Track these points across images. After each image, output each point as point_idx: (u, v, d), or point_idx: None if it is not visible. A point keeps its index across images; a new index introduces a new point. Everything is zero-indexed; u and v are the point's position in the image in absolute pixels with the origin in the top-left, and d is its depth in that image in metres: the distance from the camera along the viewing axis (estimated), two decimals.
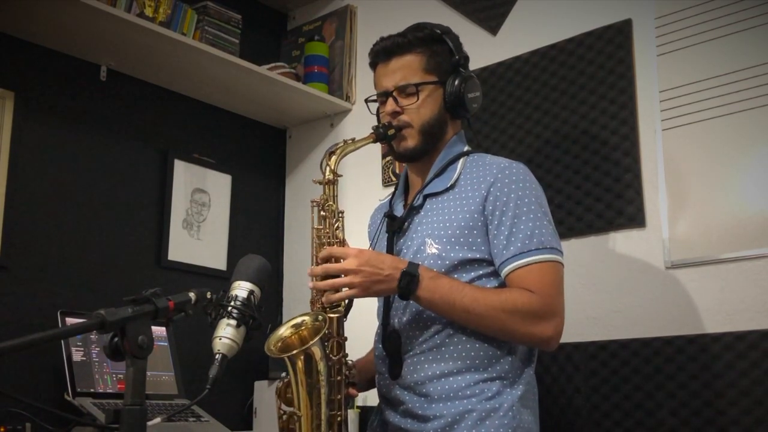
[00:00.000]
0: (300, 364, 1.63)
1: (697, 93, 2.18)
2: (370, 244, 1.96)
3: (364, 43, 3.04)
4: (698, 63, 2.19)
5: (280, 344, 1.67)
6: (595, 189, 2.31)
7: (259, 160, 3.15)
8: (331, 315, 1.70)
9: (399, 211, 1.87)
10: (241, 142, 3.08)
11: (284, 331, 1.69)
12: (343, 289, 1.68)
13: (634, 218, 2.23)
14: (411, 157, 1.84)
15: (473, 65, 2.63)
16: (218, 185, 2.94)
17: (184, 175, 2.83)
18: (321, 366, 1.63)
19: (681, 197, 2.18)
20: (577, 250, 2.32)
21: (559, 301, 1.70)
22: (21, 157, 2.40)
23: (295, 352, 1.63)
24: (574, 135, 2.38)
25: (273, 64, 2.92)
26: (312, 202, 1.80)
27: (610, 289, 2.26)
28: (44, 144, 2.48)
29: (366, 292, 1.65)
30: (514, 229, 1.69)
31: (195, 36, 2.68)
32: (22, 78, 2.45)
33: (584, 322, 2.26)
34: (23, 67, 2.46)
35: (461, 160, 1.83)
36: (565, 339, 2.22)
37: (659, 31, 2.27)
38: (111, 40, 2.50)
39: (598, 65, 2.37)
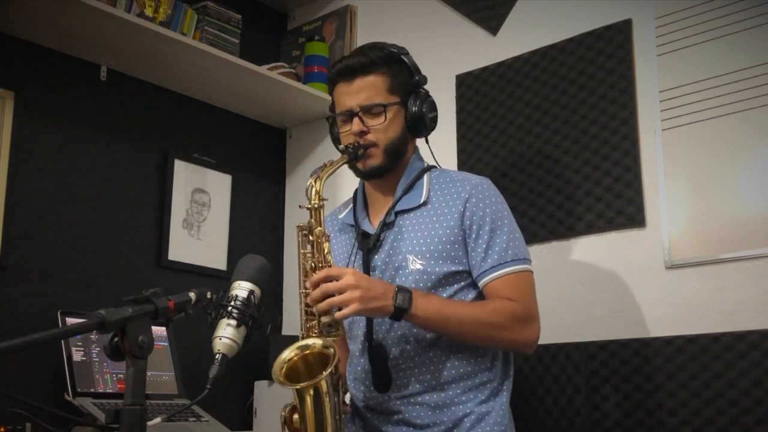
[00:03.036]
0: (309, 394, 1.63)
1: (697, 93, 2.18)
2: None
3: (364, 43, 3.03)
4: (698, 63, 2.19)
5: (284, 369, 1.66)
6: (595, 189, 2.31)
7: (259, 160, 3.15)
8: (330, 339, 1.70)
9: (367, 227, 1.88)
10: (241, 142, 3.08)
11: (289, 353, 1.68)
12: (337, 309, 1.66)
13: (634, 218, 2.23)
14: (375, 175, 1.87)
15: (473, 65, 2.66)
16: (218, 185, 2.94)
17: (184, 175, 2.83)
18: (329, 392, 1.64)
19: (681, 197, 2.18)
20: (577, 250, 2.33)
21: (536, 307, 1.81)
22: (21, 157, 2.39)
23: (304, 385, 1.62)
24: (574, 135, 2.38)
25: (273, 64, 2.92)
26: (298, 227, 1.79)
27: (610, 289, 2.26)
28: (44, 144, 2.48)
29: (365, 307, 1.65)
30: (491, 243, 1.77)
31: (195, 36, 2.68)
32: (22, 78, 2.45)
33: (584, 322, 2.27)
34: (23, 67, 2.46)
35: (425, 176, 1.88)
36: (565, 339, 2.24)
37: (659, 31, 2.27)
38: (111, 40, 2.50)
39: (598, 65, 2.37)
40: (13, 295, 2.32)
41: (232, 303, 1.48)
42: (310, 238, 1.77)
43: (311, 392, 1.63)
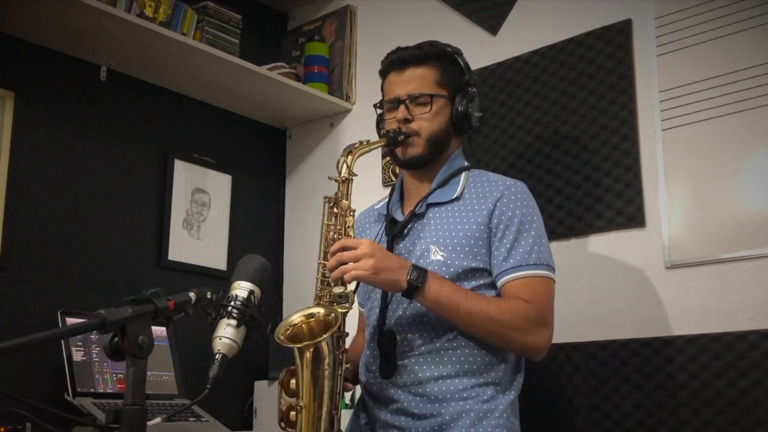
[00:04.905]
0: (308, 355, 1.64)
1: (697, 93, 2.18)
2: None
3: (364, 43, 3.04)
4: (698, 63, 2.19)
5: (289, 331, 1.68)
6: (595, 189, 2.31)
7: (259, 160, 3.15)
8: (339, 309, 1.71)
9: (398, 216, 1.90)
10: (241, 142, 3.08)
11: (295, 318, 1.70)
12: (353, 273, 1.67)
13: (634, 218, 2.23)
14: (414, 165, 1.88)
15: (473, 65, 2.62)
16: (218, 185, 2.94)
17: (184, 175, 2.83)
18: (328, 359, 1.65)
19: (681, 197, 2.18)
20: (577, 250, 2.33)
21: (551, 314, 1.79)
22: (21, 157, 2.40)
23: (305, 343, 1.63)
24: (574, 135, 2.38)
25: (273, 64, 2.92)
26: (324, 198, 1.82)
27: (610, 289, 2.26)
28: (44, 144, 2.48)
29: (375, 276, 1.65)
30: (515, 244, 1.76)
31: (195, 36, 2.68)
32: (22, 78, 2.45)
33: (584, 322, 2.27)
34: (23, 67, 2.46)
35: (463, 174, 1.89)
36: (565, 339, 2.24)
37: (659, 31, 2.27)
38: (111, 40, 2.50)
39: (598, 65, 2.37)
40: (13, 295, 2.33)
41: (232, 303, 1.48)
42: (335, 210, 1.79)
43: (311, 355, 1.63)
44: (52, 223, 2.46)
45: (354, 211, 1.81)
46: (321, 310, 1.70)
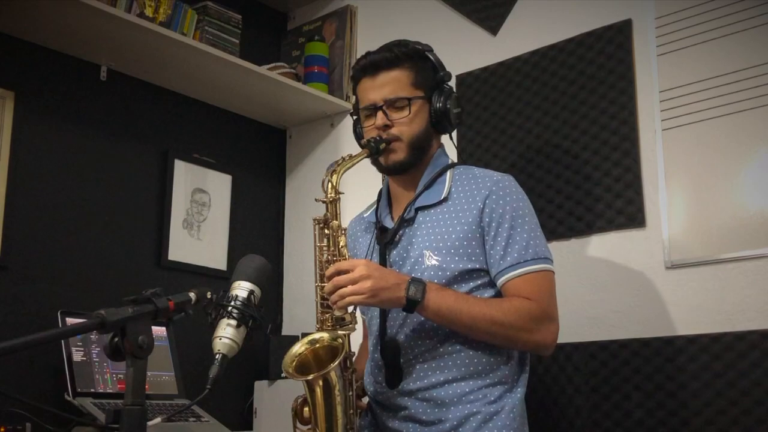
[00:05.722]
0: (319, 385, 1.64)
1: (697, 93, 2.18)
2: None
3: (364, 43, 3.04)
4: (698, 63, 2.19)
5: (295, 362, 1.67)
6: (595, 189, 2.31)
7: (259, 160, 3.15)
8: (342, 332, 1.71)
9: (388, 223, 1.88)
10: (241, 142, 3.08)
11: (299, 347, 1.69)
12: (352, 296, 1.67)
13: (634, 218, 2.23)
14: (398, 171, 1.86)
15: (473, 65, 2.66)
16: (218, 185, 2.94)
17: (184, 175, 2.83)
18: (339, 386, 1.65)
19: (681, 197, 2.18)
20: (577, 250, 2.33)
21: (555, 308, 1.77)
22: (21, 157, 2.40)
23: (312, 376, 1.63)
24: (574, 135, 2.38)
25: (273, 64, 2.92)
26: (314, 219, 1.80)
27: (610, 289, 2.26)
28: (44, 144, 2.48)
29: (374, 298, 1.65)
30: (510, 240, 1.74)
31: (195, 36, 2.68)
32: (22, 78, 2.45)
33: (584, 322, 2.27)
34: (23, 67, 2.46)
35: (448, 173, 1.86)
36: (565, 339, 2.23)
37: (659, 31, 2.27)
38: (111, 40, 2.50)
39: (598, 65, 2.37)
40: (13, 295, 2.32)
41: (232, 303, 1.48)
42: (326, 231, 1.78)
43: (321, 384, 1.63)
44: (52, 223, 2.46)
45: (345, 230, 1.79)
46: (325, 335, 1.70)
